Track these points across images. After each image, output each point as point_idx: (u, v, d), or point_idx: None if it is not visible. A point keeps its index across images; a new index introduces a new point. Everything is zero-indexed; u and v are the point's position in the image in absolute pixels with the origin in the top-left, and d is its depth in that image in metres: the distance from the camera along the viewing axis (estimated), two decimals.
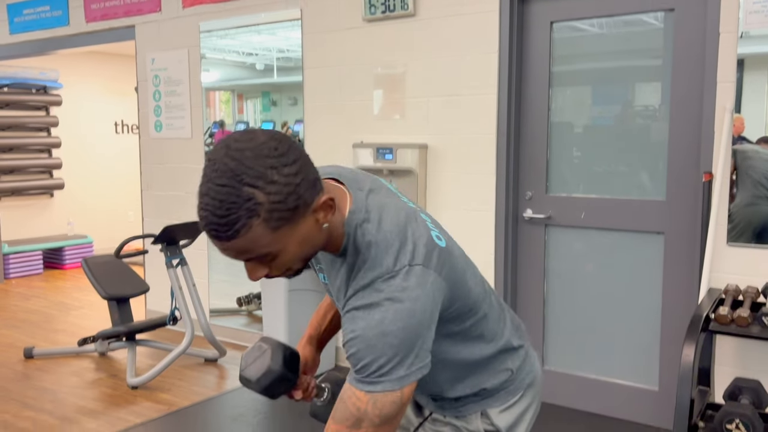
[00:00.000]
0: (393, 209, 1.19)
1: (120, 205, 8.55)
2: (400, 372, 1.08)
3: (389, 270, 1.10)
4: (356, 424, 1.09)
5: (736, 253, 3.00)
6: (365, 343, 1.07)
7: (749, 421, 2.55)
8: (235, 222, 1.01)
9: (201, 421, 3.50)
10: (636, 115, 3.38)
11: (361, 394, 1.09)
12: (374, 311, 1.08)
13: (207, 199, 1.02)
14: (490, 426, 1.35)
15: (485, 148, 3.62)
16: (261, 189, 1.01)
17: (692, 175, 3.16)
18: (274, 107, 4.79)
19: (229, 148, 1.03)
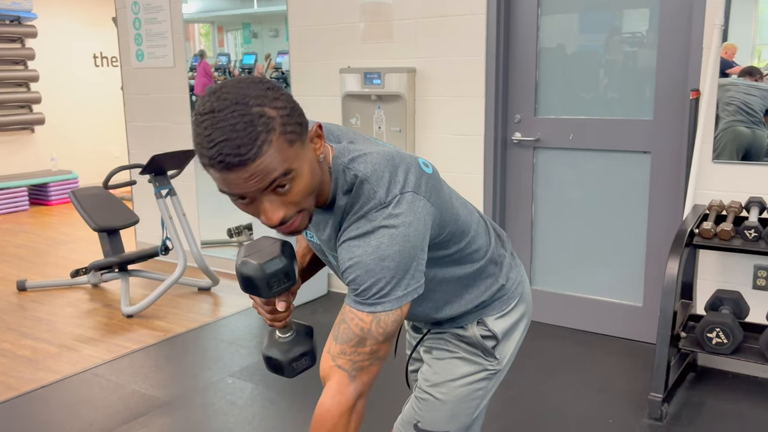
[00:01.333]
0: (375, 147, 1.22)
1: (103, 139, 8.45)
2: (398, 292, 1.13)
3: (382, 201, 1.12)
4: (360, 343, 1.14)
5: (721, 170, 3.05)
6: (364, 268, 1.11)
7: (729, 330, 2.66)
8: (256, 138, 1.00)
9: (198, 345, 3.58)
10: (625, 37, 3.36)
11: (364, 315, 1.13)
12: (370, 238, 1.11)
13: (218, 132, 1.00)
14: (486, 331, 1.40)
15: (474, 71, 3.60)
16: (268, 105, 1.02)
17: (680, 94, 3.18)
18: (255, 39, 4.69)
19: (219, 90, 1.03)
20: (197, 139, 1.04)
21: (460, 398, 1.40)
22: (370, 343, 1.14)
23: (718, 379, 3.06)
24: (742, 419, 2.70)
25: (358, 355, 1.15)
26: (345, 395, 1.15)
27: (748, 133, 2.99)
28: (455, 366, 1.40)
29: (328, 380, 1.17)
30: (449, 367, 1.40)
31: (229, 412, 2.84)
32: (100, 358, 3.39)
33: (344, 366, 1.15)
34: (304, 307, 4.07)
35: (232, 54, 4.75)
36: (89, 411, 2.86)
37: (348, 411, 1.15)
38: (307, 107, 4.19)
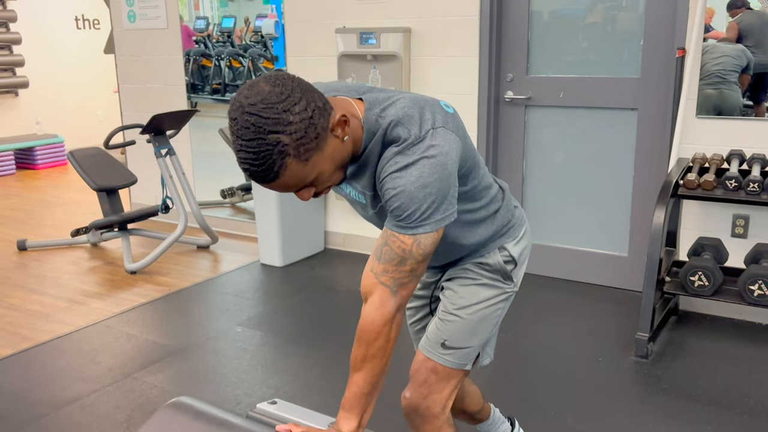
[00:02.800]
0: (399, 94, 1.36)
1: (88, 103, 8.42)
2: (437, 216, 1.27)
3: (417, 136, 1.27)
4: (402, 263, 1.29)
5: (704, 124, 3.22)
6: (408, 196, 1.24)
7: (710, 272, 2.85)
8: (272, 166, 1.16)
9: (204, 298, 3.71)
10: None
11: (406, 237, 1.28)
12: (411, 169, 1.25)
13: (243, 154, 1.16)
14: (508, 257, 1.57)
15: (468, 30, 3.71)
16: (283, 132, 1.14)
17: (666, 52, 3.32)
18: (231, 2, 4.74)
19: (242, 105, 1.15)
20: (233, 143, 1.20)
21: (482, 318, 1.56)
22: (411, 263, 1.29)
23: (698, 321, 3.28)
24: (720, 355, 2.91)
25: (399, 273, 1.29)
26: (388, 308, 1.30)
27: (715, 94, 3.16)
28: (479, 291, 1.56)
29: (370, 295, 1.32)
30: (474, 291, 1.56)
31: (241, 357, 2.99)
32: (109, 311, 3.51)
33: (387, 282, 1.30)
34: (303, 263, 4.21)
35: (209, 17, 4.79)
36: (107, 358, 2.99)
37: (390, 321, 1.30)
38: (302, 68, 4.28)
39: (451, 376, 1.57)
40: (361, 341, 1.31)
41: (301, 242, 4.26)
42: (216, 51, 4.85)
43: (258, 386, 2.73)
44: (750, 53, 3.10)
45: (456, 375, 1.58)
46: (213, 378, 2.81)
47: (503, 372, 2.82)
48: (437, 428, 1.57)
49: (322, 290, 3.78)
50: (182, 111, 4.23)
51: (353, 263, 4.19)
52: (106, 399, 2.65)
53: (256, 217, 4.19)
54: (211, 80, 4.93)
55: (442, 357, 1.56)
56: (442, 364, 1.56)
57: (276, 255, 4.15)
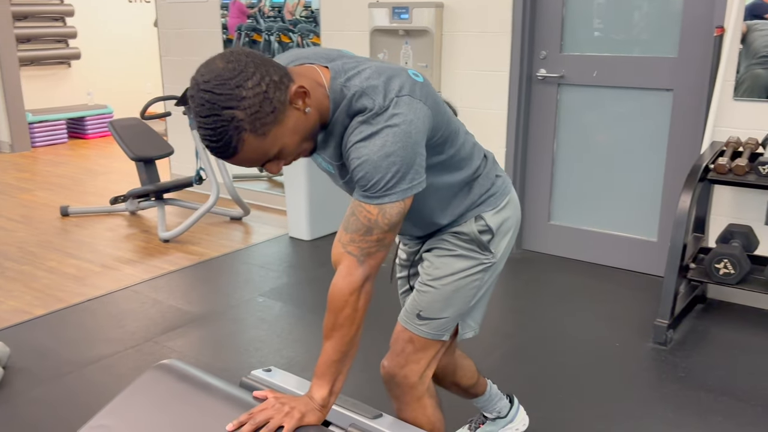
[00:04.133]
0: (366, 63, 1.35)
1: (137, 75, 8.61)
2: (403, 185, 1.27)
3: (381, 105, 1.26)
4: (368, 232, 1.29)
5: (742, 107, 3.09)
6: (372, 165, 1.24)
7: (736, 260, 2.77)
8: (230, 142, 1.17)
9: (231, 268, 3.79)
10: None
11: (371, 207, 1.28)
12: (375, 138, 1.25)
13: (202, 131, 1.19)
14: (483, 226, 1.55)
15: (502, 6, 3.64)
16: (237, 108, 1.15)
17: (705, 31, 3.20)
18: None
19: (198, 83, 1.17)
20: (194, 121, 1.23)
21: (457, 289, 1.56)
22: (377, 232, 1.29)
23: (725, 310, 3.18)
24: (742, 346, 2.83)
25: (365, 242, 1.30)
26: (354, 276, 1.31)
27: (764, 74, 3.02)
28: (453, 262, 1.56)
29: (339, 264, 1.33)
30: (448, 261, 1.56)
31: (259, 326, 3.05)
32: (139, 277, 3.62)
33: (353, 252, 1.31)
34: (330, 237, 4.25)
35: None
36: (131, 322, 3.10)
37: (357, 290, 1.31)
38: (335, 43, 4.28)
39: (428, 347, 1.58)
40: (330, 310, 1.33)
41: (329, 217, 4.29)
42: (266, 26, 4.88)
43: (272, 355, 2.79)
44: None
45: (433, 346, 1.58)
46: (229, 345, 2.88)
47: (517, 352, 2.81)
48: (416, 398, 1.58)
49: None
50: None
51: None
52: (126, 361, 2.75)
53: (286, 191, 4.24)
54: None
55: (417, 327, 1.57)
56: (418, 335, 1.57)
57: (304, 229, 4.20)
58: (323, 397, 1.32)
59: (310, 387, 1.36)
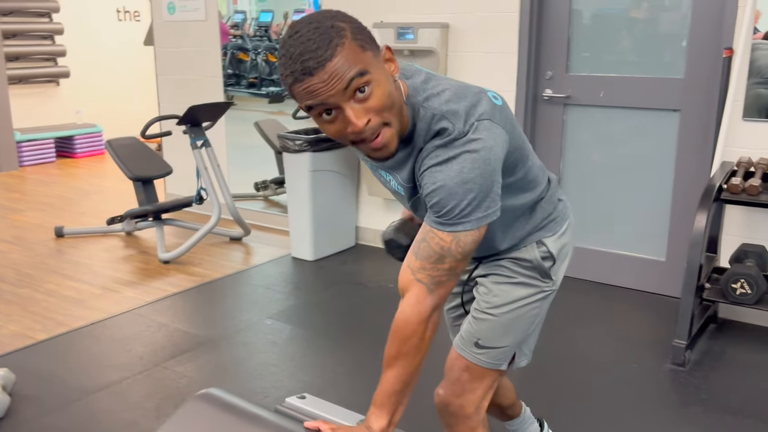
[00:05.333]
0: (444, 82, 1.31)
1: (127, 94, 8.53)
2: (478, 213, 1.22)
3: (461, 131, 1.22)
4: (440, 260, 1.25)
5: (751, 127, 3.11)
6: (448, 191, 1.20)
7: (753, 281, 2.76)
8: (329, 41, 1.13)
9: (235, 289, 3.72)
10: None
11: (445, 234, 1.23)
12: (452, 163, 1.20)
13: (299, 46, 1.14)
14: (546, 252, 1.51)
15: (508, 27, 3.65)
16: (342, 21, 1.17)
17: (712, 52, 3.22)
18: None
19: (297, 21, 1.18)
20: (282, 61, 1.17)
21: (517, 317, 1.52)
22: (449, 261, 1.25)
23: (739, 330, 3.18)
24: (761, 367, 2.82)
25: (437, 270, 1.25)
26: (423, 305, 1.26)
27: (763, 95, 3.06)
28: (514, 289, 1.52)
29: (407, 292, 1.28)
30: (508, 289, 1.52)
31: (270, 350, 2.99)
32: (142, 300, 3.54)
33: (423, 280, 1.26)
34: (334, 258, 4.20)
35: (247, 12, 4.81)
36: (138, 346, 3.02)
37: (426, 320, 1.26)
38: None
39: (485, 376, 1.53)
40: (394, 338, 1.28)
41: (332, 237, 4.25)
42: (253, 45, 4.86)
43: (286, 380, 2.72)
44: None
45: (490, 375, 1.54)
46: (242, 370, 2.81)
47: (534, 374, 2.77)
48: (471, 428, 1.53)
49: (353, 286, 3.76)
50: (218, 103, 4.25)
51: (384, 260, 4.15)
52: (137, 387, 2.67)
53: (289, 211, 4.19)
54: (248, 74, 4.95)
55: (475, 356, 1.52)
56: (475, 363, 1.52)
57: (307, 249, 4.14)
58: (382, 428, 1.28)
59: (367, 416, 1.31)
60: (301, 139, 3.96)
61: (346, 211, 4.34)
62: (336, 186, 4.19)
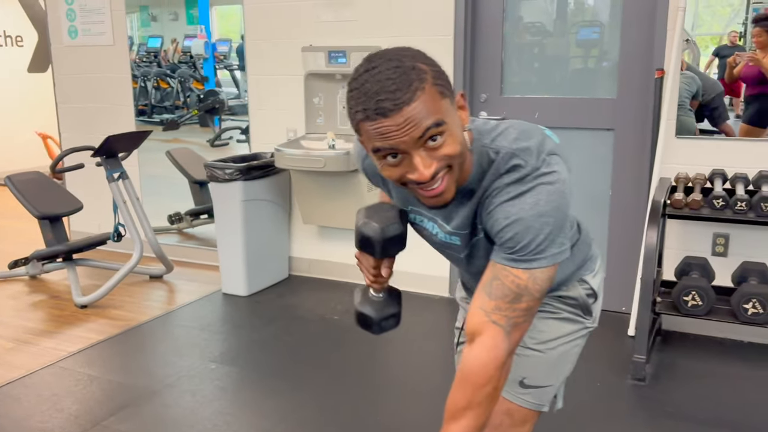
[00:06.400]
0: (503, 123, 1.24)
1: (10, 124, 7.87)
2: (553, 249, 1.15)
3: (534, 166, 1.15)
4: (516, 300, 1.15)
5: (684, 144, 3.24)
6: (524, 225, 1.12)
7: (704, 292, 2.85)
8: (410, 84, 1.05)
9: (167, 332, 3.43)
10: (589, 18, 3.50)
11: (520, 272, 1.14)
12: (527, 196, 1.13)
13: (375, 84, 1.06)
14: (588, 290, 1.46)
15: (442, 50, 3.63)
16: (423, 62, 1.09)
17: (642, 73, 3.35)
18: (154, 22, 4.55)
19: (374, 55, 1.11)
20: (354, 95, 1.08)
21: (562, 354, 1.45)
22: (527, 300, 1.15)
23: (682, 341, 3.27)
24: (714, 376, 2.90)
25: (513, 311, 1.15)
26: (500, 350, 1.15)
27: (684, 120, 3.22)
28: (560, 324, 1.44)
29: (479, 335, 1.16)
30: (555, 324, 1.44)
31: (221, 397, 2.75)
32: (64, 350, 3.19)
33: (499, 322, 1.15)
34: (269, 291, 3.99)
35: (135, 38, 4.60)
36: (70, 404, 2.69)
37: (503, 366, 1.16)
38: (265, 87, 4.10)
39: (527, 420, 1.43)
40: (465, 386, 1.16)
41: (265, 269, 4.04)
42: (142, 71, 4.62)
43: (246, 429, 2.50)
44: (699, 80, 3.19)
45: (532, 418, 1.44)
46: (194, 422, 2.56)
47: None
48: None
49: (295, 320, 3.57)
50: (137, 132, 3.96)
51: (322, 290, 4.00)
52: None
53: (219, 244, 3.95)
54: (137, 101, 4.69)
55: (519, 397, 1.42)
56: (519, 405, 1.42)
57: (240, 284, 3.91)
58: None
59: None
60: (232, 167, 3.75)
61: (279, 241, 4.15)
62: (269, 215, 4.00)
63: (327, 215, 3.96)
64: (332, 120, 3.93)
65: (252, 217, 3.85)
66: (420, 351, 3.21)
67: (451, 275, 3.84)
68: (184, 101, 5.30)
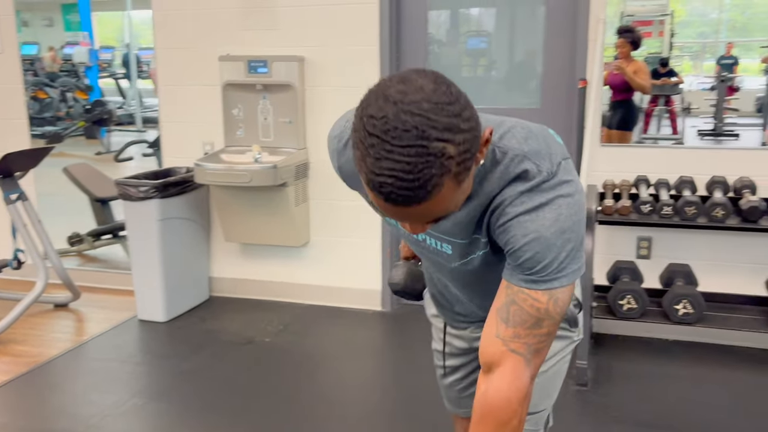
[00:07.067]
0: (509, 120, 1.14)
1: None
2: (574, 266, 1.07)
3: (550, 172, 1.05)
4: (537, 325, 1.07)
5: (608, 152, 3.34)
6: (544, 243, 1.03)
7: (638, 296, 2.94)
8: (428, 181, 0.89)
9: (83, 367, 3.14)
10: (513, 30, 3.55)
11: (539, 294, 1.06)
12: (545, 210, 1.04)
13: (390, 162, 0.89)
14: (575, 300, 1.39)
15: (368, 61, 3.56)
16: (451, 142, 0.90)
17: (565, 83, 3.42)
18: (26, 28, 4.27)
19: (399, 102, 0.89)
20: (365, 150, 0.91)
21: (555, 374, 1.38)
22: (548, 324, 1.08)
23: (612, 343, 3.35)
24: (650, 376, 2.99)
25: (533, 337, 1.07)
26: (523, 381, 1.07)
27: None
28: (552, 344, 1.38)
29: (498, 366, 1.08)
30: None
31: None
32: None
33: (519, 350, 1.07)
34: (190, 316, 3.75)
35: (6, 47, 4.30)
36: None
37: (526, 397, 1.08)
38: (179, 98, 3.88)
39: None
40: (487, 422, 1.07)
41: (184, 292, 3.80)
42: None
43: None
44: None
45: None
46: None
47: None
48: None
49: (224, 346, 3.37)
50: (37, 149, 3.62)
51: (247, 311, 3.81)
52: None
53: (133, 267, 3.67)
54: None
55: None
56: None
57: (159, 309, 3.65)
58: None
59: None
60: (147, 184, 3.50)
61: (199, 261, 3.92)
62: (187, 234, 3.77)
63: (251, 232, 3.78)
64: (253, 132, 3.76)
65: (169, 236, 3.61)
66: (357, 370, 3.12)
67: (384, 288, 3.77)
68: (67, 112, 4.95)
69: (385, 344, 3.57)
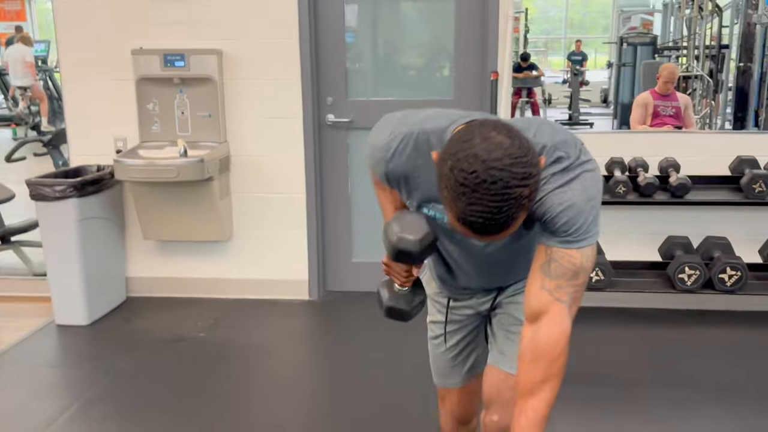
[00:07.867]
0: (533, 120, 1.37)
1: None
2: (597, 227, 1.31)
3: (576, 156, 1.30)
4: (575, 277, 1.30)
5: None
6: (577, 209, 1.26)
7: (606, 268, 3.23)
8: (510, 218, 1.14)
9: (9, 377, 2.98)
10: (425, 24, 3.75)
11: (573, 252, 1.28)
12: (575, 183, 1.27)
13: (479, 207, 1.12)
14: None
15: (288, 54, 3.62)
16: (526, 186, 1.13)
17: (477, 75, 3.67)
18: None
19: (486, 160, 1.11)
20: (456, 196, 1.13)
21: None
22: (583, 276, 1.31)
23: None
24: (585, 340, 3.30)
25: (572, 287, 1.30)
26: (567, 324, 1.30)
27: None
28: None
29: (545, 314, 1.28)
30: None
31: None
32: None
33: (562, 298, 1.29)
34: (112, 317, 3.64)
35: None
36: None
37: (569, 336, 1.30)
38: (86, 94, 3.76)
39: None
40: (540, 361, 1.27)
41: (103, 294, 3.67)
42: None
43: None
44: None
45: None
46: None
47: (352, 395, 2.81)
48: None
49: (156, 344, 3.32)
50: None
51: (172, 309, 3.75)
52: None
53: (49, 270, 3.51)
54: None
55: None
56: None
57: (80, 312, 3.51)
58: None
59: None
60: (64, 183, 3.36)
61: (116, 261, 3.80)
62: (104, 234, 3.65)
63: (173, 228, 3.73)
64: (170, 127, 3.70)
65: (88, 237, 3.49)
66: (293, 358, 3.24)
67: (311, 278, 3.86)
68: None
69: (316, 332, 3.68)
